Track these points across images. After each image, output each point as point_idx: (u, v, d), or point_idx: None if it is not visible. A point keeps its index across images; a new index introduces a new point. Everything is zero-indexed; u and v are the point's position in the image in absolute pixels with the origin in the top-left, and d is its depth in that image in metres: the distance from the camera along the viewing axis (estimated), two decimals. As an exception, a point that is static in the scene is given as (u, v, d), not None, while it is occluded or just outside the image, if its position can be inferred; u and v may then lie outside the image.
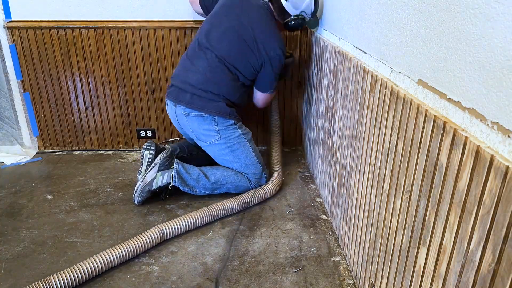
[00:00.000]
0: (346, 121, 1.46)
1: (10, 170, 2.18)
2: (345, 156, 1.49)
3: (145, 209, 1.83)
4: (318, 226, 1.72)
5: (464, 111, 0.74)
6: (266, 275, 1.44)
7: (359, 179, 1.33)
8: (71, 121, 2.35)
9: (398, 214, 1.02)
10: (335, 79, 1.59)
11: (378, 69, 1.16)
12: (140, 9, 2.15)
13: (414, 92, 0.95)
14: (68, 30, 2.15)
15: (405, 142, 0.97)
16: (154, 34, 2.19)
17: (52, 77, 2.24)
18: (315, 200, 1.92)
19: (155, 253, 1.55)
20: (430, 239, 0.85)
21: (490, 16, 0.66)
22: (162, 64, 2.25)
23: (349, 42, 1.45)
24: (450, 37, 0.79)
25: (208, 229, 1.70)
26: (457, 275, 0.75)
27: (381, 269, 1.15)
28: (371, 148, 1.21)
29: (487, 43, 0.67)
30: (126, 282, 1.41)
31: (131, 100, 2.32)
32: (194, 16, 2.17)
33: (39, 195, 1.94)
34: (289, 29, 1.90)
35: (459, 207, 0.74)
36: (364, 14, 1.28)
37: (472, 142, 0.69)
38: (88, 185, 2.04)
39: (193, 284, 1.40)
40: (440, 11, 0.82)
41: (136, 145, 2.44)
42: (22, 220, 1.74)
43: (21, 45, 2.16)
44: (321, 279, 1.43)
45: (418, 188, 0.90)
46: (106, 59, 2.22)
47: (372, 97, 1.19)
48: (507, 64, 0.62)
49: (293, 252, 1.56)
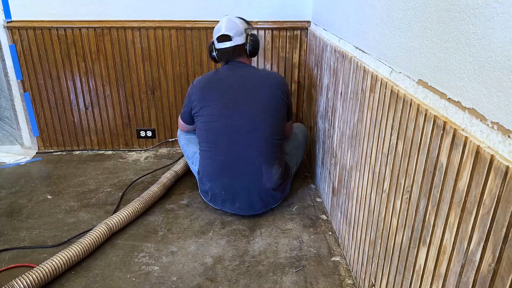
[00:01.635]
0: (346, 121, 1.46)
1: (10, 170, 2.18)
2: (345, 156, 1.49)
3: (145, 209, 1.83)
4: (318, 226, 1.72)
5: (464, 111, 0.74)
6: (266, 275, 1.44)
7: (359, 179, 1.33)
8: (71, 121, 2.35)
9: (398, 214, 1.02)
10: (335, 79, 1.59)
11: (378, 69, 1.16)
12: (140, 9, 2.15)
13: (414, 92, 0.94)
14: (68, 30, 2.15)
15: (405, 142, 0.97)
16: (154, 34, 2.18)
17: (52, 77, 2.24)
18: (315, 200, 1.92)
19: (155, 253, 1.55)
20: (430, 239, 0.85)
21: (490, 16, 0.66)
22: (162, 64, 2.25)
23: (349, 42, 1.45)
24: (450, 37, 0.79)
25: (208, 229, 1.70)
26: (457, 275, 0.75)
27: (381, 269, 1.15)
28: (371, 148, 1.21)
29: (487, 43, 0.67)
30: (126, 282, 1.41)
31: (131, 100, 2.32)
32: (194, 16, 2.17)
33: (39, 195, 1.94)
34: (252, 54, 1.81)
35: (459, 207, 0.74)
36: (364, 14, 1.28)
37: (472, 142, 0.69)
38: (88, 185, 2.03)
39: (193, 284, 1.40)
40: (440, 11, 0.82)
41: (136, 145, 2.44)
42: (22, 220, 1.74)
43: (21, 45, 2.16)
44: (321, 279, 1.43)
45: (418, 188, 0.90)
46: (106, 59, 2.22)
47: (372, 97, 1.19)
48: (507, 64, 0.62)
49: (293, 252, 1.56)
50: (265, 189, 1.72)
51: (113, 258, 1.52)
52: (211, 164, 1.73)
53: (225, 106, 1.70)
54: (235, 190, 1.71)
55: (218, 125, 1.70)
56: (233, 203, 1.74)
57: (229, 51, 1.75)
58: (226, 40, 1.74)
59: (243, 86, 1.72)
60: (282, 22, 2.20)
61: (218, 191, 1.74)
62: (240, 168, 1.70)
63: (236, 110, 1.69)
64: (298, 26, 2.20)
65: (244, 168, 1.70)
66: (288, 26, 2.20)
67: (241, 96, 1.70)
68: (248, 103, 1.69)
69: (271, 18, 2.19)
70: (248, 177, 1.70)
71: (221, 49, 1.76)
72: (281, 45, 2.25)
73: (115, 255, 1.54)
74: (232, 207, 1.75)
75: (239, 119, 1.68)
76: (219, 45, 1.76)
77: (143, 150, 2.43)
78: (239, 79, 1.73)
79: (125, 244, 1.60)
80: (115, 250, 1.57)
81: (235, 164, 1.70)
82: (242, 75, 1.74)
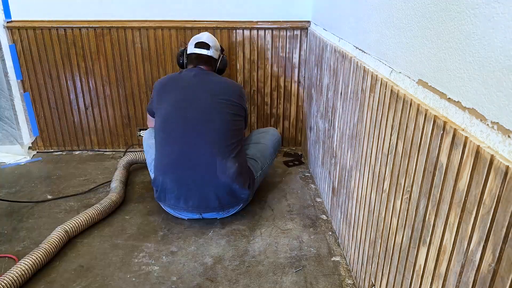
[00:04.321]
0: (346, 121, 1.46)
1: (10, 170, 2.18)
2: (345, 156, 1.49)
3: (145, 209, 1.83)
4: (318, 226, 1.72)
5: (464, 111, 0.74)
6: (266, 275, 1.44)
7: (359, 179, 1.33)
8: (71, 121, 2.35)
9: (398, 214, 1.02)
10: (335, 79, 1.59)
11: (378, 69, 1.16)
12: (140, 9, 2.14)
13: (414, 92, 0.94)
14: (68, 30, 2.15)
15: (405, 142, 0.97)
16: (154, 34, 2.18)
17: (52, 77, 2.24)
18: (315, 200, 1.92)
19: (155, 253, 1.55)
20: (430, 239, 0.85)
21: (490, 16, 0.66)
22: (162, 64, 2.25)
23: (349, 42, 1.45)
24: (450, 37, 0.79)
25: (208, 229, 1.70)
26: (457, 275, 0.75)
27: (381, 269, 1.15)
28: (371, 148, 1.21)
29: (487, 43, 0.67)
30: (126, 282, 1.41)
31: (131, 100, 2.32)
32: (194, 16, 2.17)
33: (39, 195, 1.94)
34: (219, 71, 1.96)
35: (459, 207, 0.74)
36: (364, 13, 1.28)
37: (472, 142, 0.69)
38: (88, 185, 2.03)
39: (193, 284, 1.40)
40: (440, 11, 0.82)
41: (136, 145, 2.44)
42: (22, 220, 1.74)
43: (21, 45, 2.16)
44: (321, 279, 1.43)
45: (418, 188, 0.90)
46: (106, 59, 2.22)
47: (372, 97, 1.19)
48: (507, 64, 0.62)
49: (293, 252, 1.56)
50: (220, 184, 1.65)
51: (113, 258, 1.52)
52: (164, 155, 1.71)
53: (181, 99, 1.76)
54: (188, 185, 1.65)
55: (173, 116, 1.74)
56: (187, 201, 1.67)
57: (203, 58, 1.88)
58: (205, 48, 1.88)
59: (202, 85, 1.80)
60: (282, 22, 2.20)
61: (170, 186, 1.67)
62: (193, 159, 1.66)
63: (192, 103, 1.74)
64: (298, 26, 2.20)
65: (197, 160, 1.66)
66: (288, 26, 2.20)
67: (198, 92, 1.77)
68: (204, 98, 1.75)
69: (271, 18, 2.19)
70: (201, 169, 1.65)
71: (196, 54, 1.88)
72: (281, 45, 2.25)
73: (115, 255, 1.54)
74: (186, 206, 1.67)
75: (194, 111, 1.72)
76: (196, 50, 1.88)
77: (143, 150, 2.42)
78: (199, 80, 1.81)
79: (125, 244, 1.60)
80: (115, 250, 1.57)
81: (188, 155, 1.67)
82: (203, 78, 1.83)
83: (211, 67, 1.89)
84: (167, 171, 1.67)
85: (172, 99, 1.76)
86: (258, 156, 1.89)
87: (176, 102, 1.75)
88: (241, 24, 2.19)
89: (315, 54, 2.00)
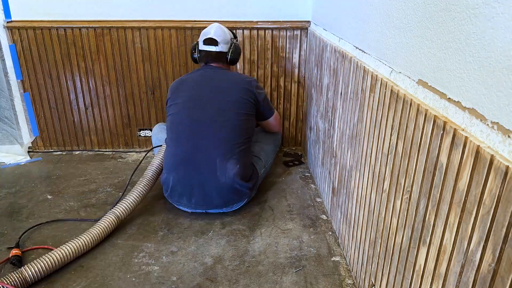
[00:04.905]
0: (346, 121, 1.46)
1: (10, 170, 2.18)
2: (345, 156, 1.49)
3: (145, 209, 1.83)
4: (318, 226, 1.72)
5: (464, 111, 0.74)
6: (266, 275, 1.44)
7: (359, 179, 1.33)
8: (71, 121, 2.35)
9: (398, 214, 1.02)
10: (335, 79, 1.59)
11: (378, 69, 1.16)
12: (139, 9, 2.15)
13: (414, 92, 0.94)
14: (68, 30, 2.15)
15: (405, 142, 0.97)
16: (154, 34, 2.18)
17: (52, 77, 2.24)
18: (315, 200, 1.92)
19: (155, 253, 1.55)
20: (430, 239, 0.85)
21: (490, 16, 0.66)
22: (162, 64, 2.25)
23: (349, 42, 1.45)
24: (450, 37, 0.79)
25: (208, 229, 1.70)
26: (457, 275, 0.75)
27: (381, 269, 1.15)
28: (371, 148, 1.21)
29: (487, 43, 0.67)
30: (126, 282, 1.41)
31: (131, 100, 2.32)
32: (194, 16, 2.17)
33: (39, 195, 1.94)
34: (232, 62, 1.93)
35: (459, 207, 0.74)
36: (364, 13, 1.28)
37: (472, 142, 0.69)
38: (88, 185, 2.04)
39: (193, 284, 1.40)
40: (440, 11, 0.82)
41: (136, 145, 2.44)
42: (22, 220, 1.74)
43: (21, 45, 2.16)
44: (321, 279, 1.43)
45: (418, 188, 0.90)
46: (106, 59, 2.22)
47: (372, 97, 1.19)
48: (507, 64, 0.62)
49: (293, 252, 1.56)
50: (222, 185, 1.70)
51: (113, 258, 1.52)
52: (171, 154, 1.76)
53: (189, 100, 1.79)
54: (191, 184, 1.71)
55: (181, 117, 1.78)
56: (190, 199, 1.73)
57: (212, 55, 1.87)
58: (213, 44, 1.85)
59: (209, 84, 1.81)
60: (282, 22, 2.20)
61: (174, 184, 1.73)
62: (196, 161, 1.71)
63: (199, 104, 1.76)
64: (298, 26, 2.20)
65: (200, 161, 1.71)
66: (288, 26, 2.20)
67: (205, 92, 1.79)
68: (210, 99, 1.77)
69: (271, 18, 2.19)
70: (203, 170, 1.70)
71: (205, 51, 1.87)
72: (281, 45, 2.25)
73: (115, 255, 1.54)
74: (189, 203, 1.74)
75: (200, 113, 1.75)
76: (204, 47, 1.87)
77: (143, 150, 2.43)
78: (208, 78, 1.83)
79: (125, 244, 1.60)
80: (115, 250, 1.57)
81: (192, 156, 1.71)
82: (212, 76, 1.84)
83: (221, 62, 1.89)
84: (172, 171, 1.74)
85: (180, 101, 1.81)
86: (262, 154, 1.95)
87: (183, 103, 1.80)
88: (241, 24, 2.19)
89: (315, 54, 2.00)
